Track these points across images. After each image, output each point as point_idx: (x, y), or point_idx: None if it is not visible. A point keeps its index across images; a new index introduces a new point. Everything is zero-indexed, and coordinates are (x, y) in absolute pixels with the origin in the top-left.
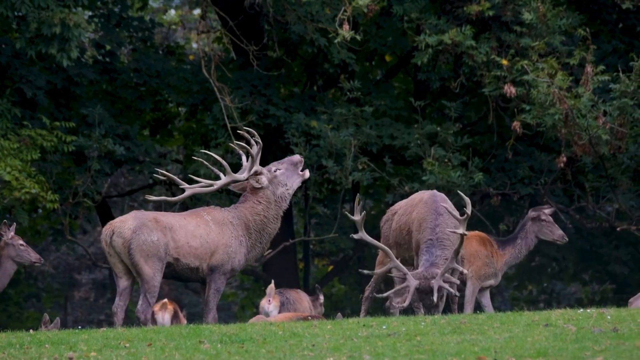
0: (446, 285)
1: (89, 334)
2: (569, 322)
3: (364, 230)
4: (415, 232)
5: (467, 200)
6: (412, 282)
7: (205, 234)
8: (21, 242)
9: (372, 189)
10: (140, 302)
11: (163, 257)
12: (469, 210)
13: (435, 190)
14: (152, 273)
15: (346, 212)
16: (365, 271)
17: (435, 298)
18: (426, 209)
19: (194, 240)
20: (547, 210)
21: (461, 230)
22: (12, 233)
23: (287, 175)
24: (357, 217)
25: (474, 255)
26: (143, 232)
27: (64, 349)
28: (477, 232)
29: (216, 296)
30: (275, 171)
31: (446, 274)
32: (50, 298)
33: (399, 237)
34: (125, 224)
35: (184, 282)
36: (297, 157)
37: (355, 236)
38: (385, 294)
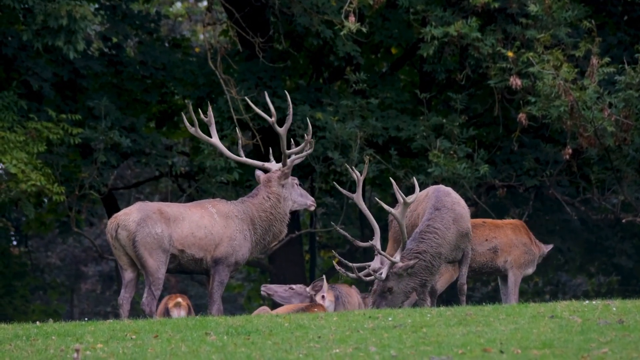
0: (383, 275)
1: (96, 326)
2: (575, 313)
3: (361, 195)
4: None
5: (417, 187)
6: (374, 264)
7: (210, 225)
8: None
9: (378, 180)
10: (145, 295)
11: (167, 248)
12: (413, 197)
13: (440, 185)
14: (157, 265)
15: (348, 166)
16: (339, 268)
17: (375, 285)
18: (427, 204)
19: (198, 231)
20: None
21: (391, 210)
22: None
23: (301, 194)
24: (357, 174)
25: (509, 244)
26: (147, 224)
27: (71, 341)
28: (510, 220)
29: (220, 288)
30: (297, 182)
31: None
32: (57, 290)
33: (409, 232)
34: (130, 217)
35: (190, 275)
36: (312, 202)
37: (350, 195)
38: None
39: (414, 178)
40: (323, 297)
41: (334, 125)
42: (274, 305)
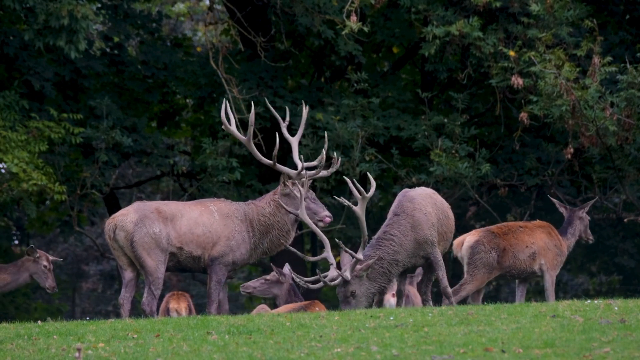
0: (347, 277)
1: (97, 325)
2: (577, 313)
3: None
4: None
5: (373, 182)
6: (331, 274)
7: (209, 223)
8: (46, 263)
9: (379, 180)
10: (145, 295)
11: (166, 247)
12: (370, 193)
13: (408, 190)
14: (156, 265)
15: (347, 179)
16: (302, 281)
17: (338, 289)
18: (391, 209)
19: (196, 228)
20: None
21: (352, 205)
22: (40, 254)
23: (310, 209)
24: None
25: (544, 248)
26: (145, 224)
27: (72, 340)
28: (539, 222)
29: (217, 287)
30: (312, 197)
31: (357, 267)
32: (59, 289)
33: None
34: (127, 217)
35: (190, 273)
36: (326, 216)
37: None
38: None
39: (414, 178)
40: (393, 294)
41: (335, 124)
42: (273, 304)
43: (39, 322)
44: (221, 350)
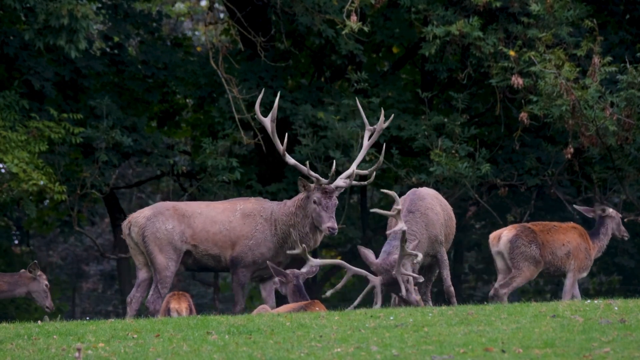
0: (409, 272)
1: (97, 325)
2: (576, 313)
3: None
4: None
5: (395, 195)
6: (376, 282)
7: (227, 221)
8: (46, 282)
9: (379, 180)
10: (151, 292)
11: (179, 245)
12: (398, 206)
13: (416, 189)
14: (166, 263)
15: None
16: (329, 292)
17: (403, 290)
18: (405, 207)
19: (212, 226)
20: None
21: (400, 226)
22: (40, 273)
23: (320, 215)
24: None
25: (577, 248)
26: (158, 220)
27: (72, 340)
28: (572, 224)
29: (239, 289)
30: (326, 204)
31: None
32: (59, 289)
33: None
34: (142, 213)
35: (190, 273)
36: (327, 227)
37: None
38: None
39: (414, 178)
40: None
41: (335, 124)
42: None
43: (39, 322)
44: (221, 350)
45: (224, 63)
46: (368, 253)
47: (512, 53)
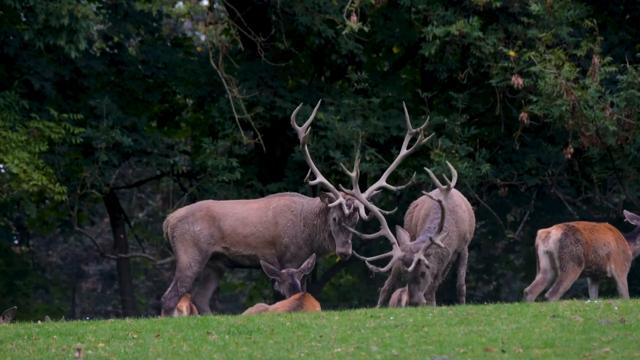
0: (425, 260)
1: (97, 325)
2: (576, 313)
3: (358, 188)
4: (421, 223)
5: (454, 172)
6: (397, 253)
7: (259, 222)
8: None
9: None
10: (169, 289)
11: (205, 248)
12: (453, 182)
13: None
14: (189, 263)
15: (342, 165)
16: (370, 265)
17: (411, 268)
18: (432, 203)
19: (243, 228)
20: None
21: (442, 199)
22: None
23: (338, 235)
24: (353, 173)
25: (615, 250)
26: (188, 221)
27: (72, 340)
28: (608, 225)
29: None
30: (339, 226)
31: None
32: (58, 289)
33: (416, 229)
34: (176, 214)
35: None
36: (345, 255)
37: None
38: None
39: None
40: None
41: (335, 124)
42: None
43: (39, 322)
44: (221, 350)
45: (224, 63)
46: (404, 234)
47: (512, 53)
